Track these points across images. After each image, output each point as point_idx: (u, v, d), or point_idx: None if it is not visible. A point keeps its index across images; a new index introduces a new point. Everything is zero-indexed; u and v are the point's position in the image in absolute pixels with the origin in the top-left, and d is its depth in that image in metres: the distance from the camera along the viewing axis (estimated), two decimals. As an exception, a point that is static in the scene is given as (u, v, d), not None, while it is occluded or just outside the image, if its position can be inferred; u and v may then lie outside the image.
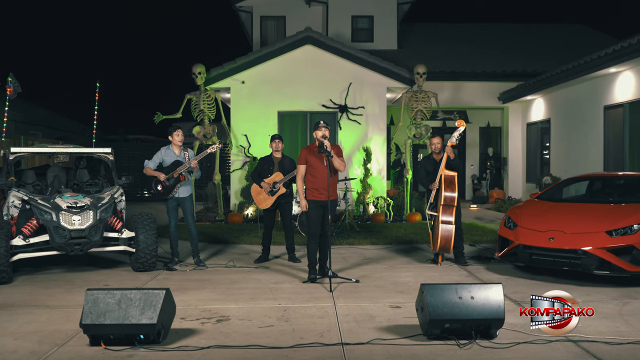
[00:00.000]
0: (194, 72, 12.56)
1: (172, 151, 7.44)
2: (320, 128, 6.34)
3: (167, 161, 7.38)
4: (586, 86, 12.60)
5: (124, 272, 7.04)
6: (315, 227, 6.39)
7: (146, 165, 7.37)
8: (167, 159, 7.39)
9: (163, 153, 7.42)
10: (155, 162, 7.39)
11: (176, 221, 7.48)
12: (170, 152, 7.44)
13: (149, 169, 7.31)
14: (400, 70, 13.23)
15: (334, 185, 6.45)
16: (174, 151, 7.44)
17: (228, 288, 6.12)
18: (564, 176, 13.29)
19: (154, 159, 7.40)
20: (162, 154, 7.42)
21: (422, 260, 7.67)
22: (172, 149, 7.46)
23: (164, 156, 7.41)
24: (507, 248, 6.58)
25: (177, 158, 7.37)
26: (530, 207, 7.04)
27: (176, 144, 7.42)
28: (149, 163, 7.37)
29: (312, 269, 6.44)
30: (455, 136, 7.03)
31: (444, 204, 6.97)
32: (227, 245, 9.13)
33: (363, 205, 12.91)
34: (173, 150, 7.45)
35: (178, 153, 7.43)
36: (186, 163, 7.27)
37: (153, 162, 7.37)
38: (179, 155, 7.41)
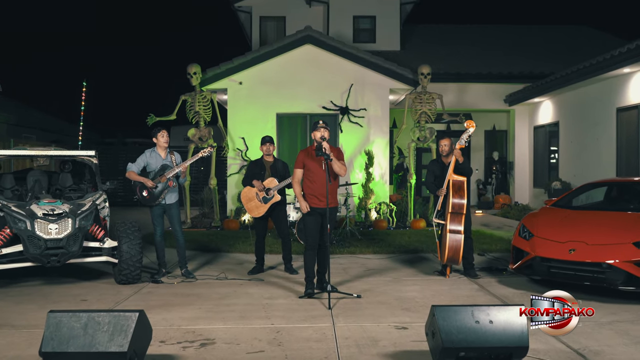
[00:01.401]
0: (189, 72, 12.06)
1: (157, 154, 6.90)
2: (319, 129, 5.81)
3: (153, 165, 6.84)
4: (597, 87, 12.09)
5: (106, 284, 6.51)
6: (313, 237, 5.85)
7: (129, 169, 6.81)
8: (152, 163, 6.85)
9: (148, 156, 6.88)
10: (139, 166, 6.84)
11: (162, 229, 6.95)
12: (155, 155, 6.90)
13: (133, 173, 6.76)
14: (403, 71, 12.73)
15: (333, 191, 5.91)
16: (160, 154, 6.90)
17: (217, 304, 5.58)
18: (573, 181, 12.81)
19: (138, 162, 6.85)
20: (147, 157, 6.87)
21: (429, 272, 7.12)
22: (157, 151, 6.91)
23: (149, 159, 6.87)
24: (522, 260, 6.03)
25: (164, 162, 6.84)
26: (547, 215, 6.47)
27: (161, 146, 6.88)
28: (132, 166, 6.82)
29: (309, 283, 5.89)
30: (465, 138, 6.51)
31: (452, 211, 6.43)
32: (220, 254, 8.60)
33: (365, 211, 12.39)
34: (158, 153, 6.91)
35: (164, 156, 6.89)
36: (175, 168, 6.74)
37: (137, 166, 6.83)
38: (165, 159, 6.88)
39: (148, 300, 5.70)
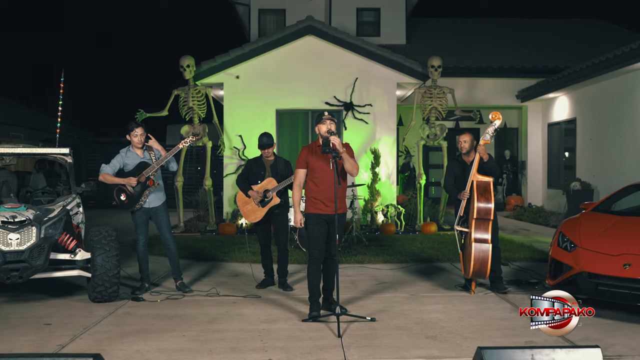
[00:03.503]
0: (182, 65, 11.22)
1: (134, 153, 6.01)
2: (325, 121, 4.95)
3: (130, 165, 5.95)
4: (620, 81, 11.24)
5: (78, 302, 5.62)
6: (319, 248, 4.98)
7: (102, 171, 5.89)
8: (129, 163, 5.96)
9: (124, 156, 5.98)
10: (114, 167, 5.93)
11: (146, 237, 6.07)
12: (132, 154, 6.00)
13: (107, 175, 5.85)
14: (412, 64, 11.89)
15: (342, 194, 5.04)
16: (137, 153, 6.03)
17: (204, 330, 4.69)
18: (593, 182, 11.97)
19: (113, 163, 5.95)
20: (123, 158, 5.98)
21: (450, 286, 6.24)
22: (133, 150, 6.04)
23: (125, 159, 5.98)
24: (564, 275, 5.13)
25: (141, 159, 5.97)
26: (590, 222, 5.54)
27: (136, 146, 6.00)
28: (105, 168, 5.90)
29: (314, 303, 5.00)
30: (490, 133, 5.65)
31: (478, 217, 5.55)
32: (213, 264, 7.72)
33: (371, 214, 11.54)
34: (135, 152, 6.03)
35: (141, 155, 6.02)
36: (154, 164, 5.86)
37: (111, 167, 5.92)
38: (143, 157, 6.01)
39: (123, 325, 4.83)
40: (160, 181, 6.02)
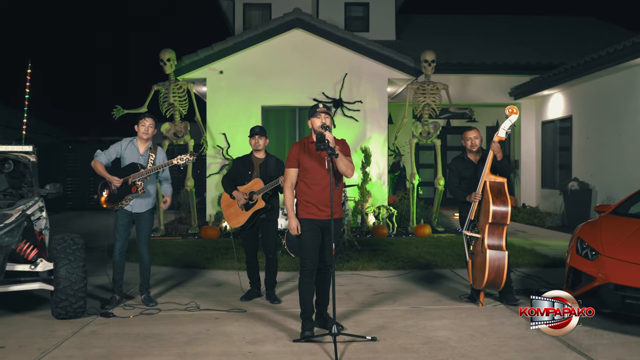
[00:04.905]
0: (162, 59, 10.60)
1: (135, 147, 5.43)
2: (319, 115, 4.38)
3: (128, 159, 5.39)
4: (619, 77, 10.84)
5: (40, 319, 4.98)
6: (312, 258, 4.39)
7: (96, 157, 5.33)
8: (127, 157, 5.40)
9: (123, 147, 5.42)
10: (109, 157, 5.37)
11: (124, 244, 5.46)
12: (132, 148, 5.43)
13: (99, 164, 5.28)
14: (404, 59, 11.39)
15: (338, 197, 4.46)
16: (138, 148, 5.43)
17: (181, 354, 4.08)
18: (591, 181, 11.57)
19: (109, 152, 5.38)
20: (122, 149, 5.41)
21: (454, 297, 5.70)
22: (136, 143, 5.45)
23: (124, 152, 5.40)
24: (586, 287, 4.60)
25: (137, 159, 5.37)
26: (612, 227, 5.01)
27: (141, 137, 5.42)
28: (100, 155, 5.35)
29: (306, 321, 4.42)
30: (506, 128, 5.13)
31: (493, 221, 5.01)
32: (194, 272, 7.11)
33: (362, 216, 11.01)
34: (137, 145, 5.44)
35: (142, 151, 5.42)
36: (146, 169, 5.27)
37: (106, 156, 5.36)
38: (142, 155, 5.41)
39: (88, 348, 4.20)
40: (151, 187, 5.42)
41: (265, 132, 5.74)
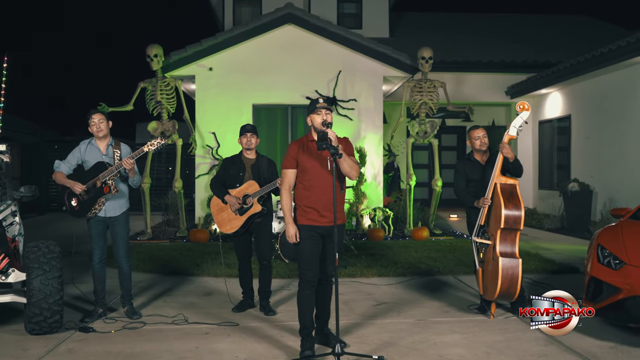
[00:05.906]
0: (148, 55, 10.15)
1: (95, 148, 5.02)
2: (319, 111, 3.99)
3: (90, 162, 4.97)
4: (620, 76, 10.57)
5: (12, 335, 4.54)
6: (312, 269, 3.99)
7: (57, 169, 5.00)
8: (89, 159, 4.98)
9: (82, 151, 5.02)
10: (69, 164, 5.01)
11: (103, 252, 5.04)
12: (93, 149, 5.02)
13: (60, 175, 4.94)
14: (399, 56, 11.04)
15: (341, 201, 4.07)
16: (99, 147, 5.02)
17: (167, 378, 3.68)
18: (591, 182, 11.28)
19: (69, 160, 5.02)
20: (82, 153, 5.01)
21: (462, 307, 5.32)
22: (95, 144, 5.03)
23: (85, 155, 5.00)
24: (610, 299, 4.23)
25: (101, 158, 4.95)
26: (636, 233, 4.65)
27: (97, 136, 5.01)
28: (60, 165, 5.02)
29: (306, 338, 4.00)
30: (517, 126, 4.78)
31: (505, 227, 4.65)
32: (183, 279, 6.69)
33: (356, 218, 10.64)
34: (97, 146, 5.03)
35: (104, 151, 5.00)
36: (114, 166, 4.84)
37: (67, 164, 5.00)
38: (105, 154, 4.99)
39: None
40: (122, 186, 5.00)
41: (256, 131, 5.35)
